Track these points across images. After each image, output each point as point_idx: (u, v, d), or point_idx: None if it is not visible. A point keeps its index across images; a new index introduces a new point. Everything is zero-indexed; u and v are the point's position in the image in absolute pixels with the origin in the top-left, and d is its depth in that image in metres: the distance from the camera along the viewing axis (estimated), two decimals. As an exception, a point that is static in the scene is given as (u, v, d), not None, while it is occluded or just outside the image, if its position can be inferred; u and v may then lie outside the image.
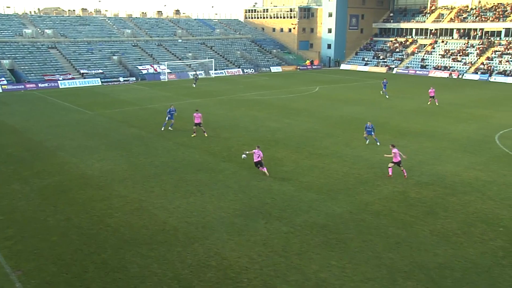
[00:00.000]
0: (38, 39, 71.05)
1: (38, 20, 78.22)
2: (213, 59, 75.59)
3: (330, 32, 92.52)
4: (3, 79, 57.79)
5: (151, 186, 20.62)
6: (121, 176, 21.93)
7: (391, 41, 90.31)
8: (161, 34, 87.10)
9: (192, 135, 29.43)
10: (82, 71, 65.05)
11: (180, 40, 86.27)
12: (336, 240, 15.54)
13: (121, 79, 65.51)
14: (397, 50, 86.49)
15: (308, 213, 17.67)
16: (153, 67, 70.45)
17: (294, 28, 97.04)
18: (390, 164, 21.52)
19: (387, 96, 45.87)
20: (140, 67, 70.18)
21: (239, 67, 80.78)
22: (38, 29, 74.42)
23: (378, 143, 27.33)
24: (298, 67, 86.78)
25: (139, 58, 74.32)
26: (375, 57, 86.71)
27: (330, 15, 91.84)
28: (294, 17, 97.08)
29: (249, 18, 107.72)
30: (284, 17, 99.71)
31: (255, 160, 21.78)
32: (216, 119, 36.02)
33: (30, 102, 46.51)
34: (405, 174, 21.45)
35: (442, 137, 29.95)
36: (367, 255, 14.61)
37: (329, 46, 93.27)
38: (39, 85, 58.54)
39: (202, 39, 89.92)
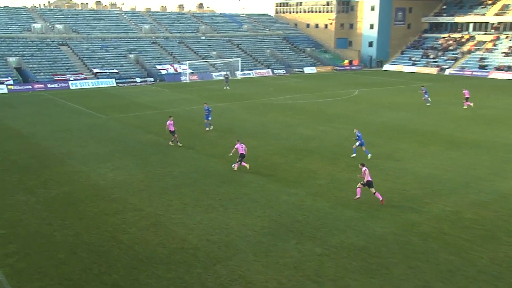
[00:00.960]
0: (48, 35, 73.21)
1: (48, 14, 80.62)
2: (239, 59, 76.25)
3: (372, 28, 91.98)
4: (9, 78, 59.62)
5: (169, 199, 20.82)
6: (136, 188, 22.22)
7: (444, 37, 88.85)
8: (182, 30, 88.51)
9: (170, 143, 29.80)
10: (95, 71, 66.65)
11: (203, 37, 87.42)
12: (377, 265, 15.29)
13: (138, 80, 66.78)
14: (451, 48, 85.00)
15: (345, 233, 17.47)
16: (173, 66, 71.55)
17: (331, 23, 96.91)
18: (359, 185, 20.44)
19: (428, 104, 45.42)
20: (159, 67, 71.43)
21: (268, 68, 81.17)
22: (48, 24, 76.71)
23: (369, 155, 26.80)
24: (335, 67, 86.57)
25: (158, 57, 75.66)
26: (424, 56, 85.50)
27: (373, 8, 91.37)
28: (331, 11, 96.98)
29: (280, 12, 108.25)
30: (320, 12, 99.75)
31: (240, 152, 24.18)
32: (242, 125, 36.19)
33: (37, 104, 47.81)
34: (381, 198, 19.97)
35: (504, 148, 29.19)
36: (413, 284, 14.31)
37: (370, 44, 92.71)
38: (48, 85, 60.22)
39: (228, 36, 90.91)
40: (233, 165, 24.78)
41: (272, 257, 15.73)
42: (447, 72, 77.98)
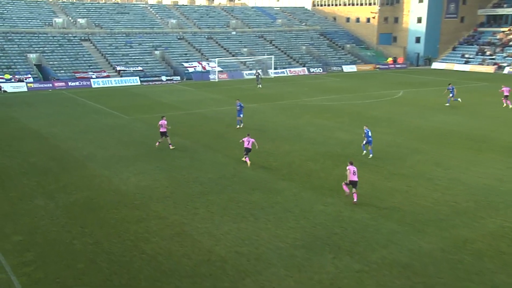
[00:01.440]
0: (70, 29, 74.91)
1: (70, 8, 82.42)
2: (272, 56, 76.32)
3: (420, 22, 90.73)
4: (29, 76, 61.23)
5: (196, 207, 20.98)
6: (161, 194, 22.48)
7: (503, 31, 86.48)
8: (211, 25, 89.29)
9: (156, 144, 30.53)
10: (118, 68, 67.85)
11: (234, 33, 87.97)
12: (423, 285, 15.03)
13: (164, 78, 67.67)
14: (511, 43, 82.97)
15: (387, 248, 17.25)
16: (201, 64, 72.29)
17: (373, 17, 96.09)
18: (346, 183, 21.82)
19: (447, 104, 46.14)
20: (186, 64, 72.27)
21: (304, 66, 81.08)
22: (70, 18, 78.47)
23: (371, 155, 28.27)
24: (378, 65, 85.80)
25: (185, 54, 76.50)
26: (480, 53, 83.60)
27: (421, 0, 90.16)
28: (374, 4, 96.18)
29: (318, 5, 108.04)
30: (361, 4, 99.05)
31: (246, 146, 26.52)
32: (275, 128, 36.24)
33: (58, 103, 48.94)
34: (355, 199, 21.27)
35: None
36: (464, 306, 14.00)
37: (417, 40, 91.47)
38: (69, 83, 61.60)
39: (260, 32, 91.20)
40: (244, 159, 26.92)
41: (306, 273, 15.65)
42: (506, 70, 76.02)
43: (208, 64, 72.98)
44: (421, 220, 19.61)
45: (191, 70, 71.21)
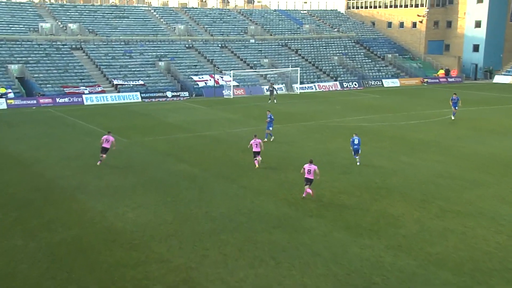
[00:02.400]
0: (59, 36, 76.30)
1: (60, 11, 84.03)
2: (298, 68, 76.82)
3: (479, 26, 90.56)
4: (10, 91, 62.13)
5: (205, 248, 20.90)
6: (164, 232, 22.45)
7: None
8: (226, 31, 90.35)
9: (98, 163, 33.08)
10: (115, 82, 68.77)
11: (252, 40, 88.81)
12: None
13: (169, 94, 68.37)
14: None
15: (440, 303, 16.94)
16: (213, 78, 72.81)
17: (421, 21, 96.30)
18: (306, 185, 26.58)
19: (453, 118, 49.58)
20: (195, 78, 73.06)
21: (336, 80, 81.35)
22: (59, 23, 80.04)
23: (358, 163, 33.10)
24: (426, 79, 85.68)
25: (195, 65, 77.40)
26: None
27: (480, 0, 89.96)
28: (422, 5, 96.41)
29: (353, 8, 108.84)
30: (406, 6, 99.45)
31: (254, 150, 32.15)
32: (301, 153, 36.14)
33: (43, 123, 49.53)
34: (306, 193, 26.51)
35: None
36: None
37: (475, 48, 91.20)
38: (57, 100, 62.45)
39: (284, 39, 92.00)
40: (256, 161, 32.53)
41: (340, 331, 15.42)
42: None
43: (222, 77, 73.57)
44: (483, 269, 19.26)
45: (201, 84, 71.88)
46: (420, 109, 56.68)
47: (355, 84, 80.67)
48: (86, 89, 65.40)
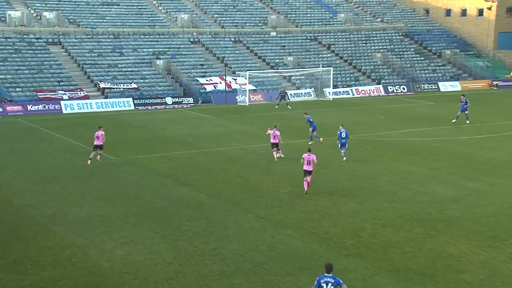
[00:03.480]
0: (31, 28, 76.81)
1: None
2: (331, 68, 76.66)
3: None
4: (-32, 96, 62.66)
5: (213, 296, 20.71)
6: (161, 274, 22.26)
7: None
8: (240, 22, 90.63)
9: (88, 163, 36.91)
10: (102, 85, 69.07)
11: (274, 33, 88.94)
12: None
13: (169, 100, 68.59)
14: None
15: None
16: (224, 80, 72.90)
17: (489, 8, 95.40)
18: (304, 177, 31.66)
19: (454, 120, 53.80)
20: (202, 80, 73.26)
21: (378, 83, 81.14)
22: (32, 12, 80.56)
23: (344, 158, 38.15)
24: (495, 82, 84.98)
25: (202, 65, 77.66)
26: None
27: None
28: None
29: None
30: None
31: (271, 141, 38.56)
32: (335, 176, 35.91)
33: (10, 136, 49.76)
34: (307, 187, 31.75)
35: None
36: None
37: None
38: (29, 107, 62.89)
39: (313, 32, 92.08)
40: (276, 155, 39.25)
41: None
42: None
43: (235, 80, 73.71)
44: None
45: (209, 88, 72.04)
46: (487, 120, 56.33)
47: (403, 88, 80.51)
48: (65, 94, 65.75)
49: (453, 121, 54.32)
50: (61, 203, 30.74)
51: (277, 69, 79.21)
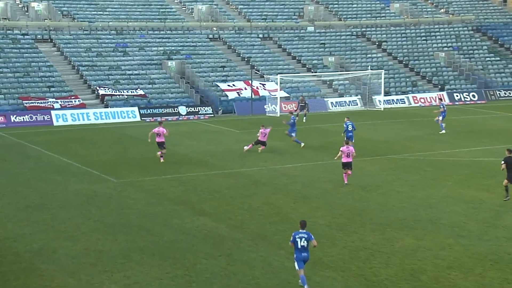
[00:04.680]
0: (17, 21, 77.39)
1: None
2: (382, 71, 76.15)
3: None
4: None
5: None
6: (170, 326, 22.13)
7: None
8: (270, 14, 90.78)
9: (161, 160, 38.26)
10: (102, 92, 69.33)
11: (311, 28, 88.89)
12: None
13: (183, 110, 68.75)
14: None
15: None
16: (250, 86, 72.87)
17: None
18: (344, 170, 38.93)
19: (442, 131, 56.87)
20: (222, 86, 73.30)
21: (442, 89, 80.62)
22: (18, 2, 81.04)
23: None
24: None
25: (222, 67, 77.84)
26: None
27: None
28: None
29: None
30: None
31: (259, 138, 46.41)
32: (388, 203, 35.63)
33: (-8, 154, 50.09)
34: (346, 182, 38.79)
35: None
36: None
37: None
38: (13, 118, 63.35)
39: (360, 26, 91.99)
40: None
41: None
42: None
43: (263, 85, 73.56)
44: None
45: (232, 95, 72.06)
46: None
47: (473, 96, 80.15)
48: (56, 102, 66.07)
49: (441, 132, 56.40)
50: (51, 236, 30.74)
51: (315, 72, 79.10)
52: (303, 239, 23.88)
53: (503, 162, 36.07)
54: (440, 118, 57.15)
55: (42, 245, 29.61)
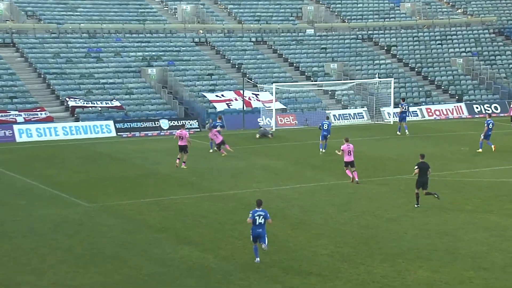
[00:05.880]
0: (-30, 23, 77.35)
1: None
2: (392, 79, 76.17)
3: None
4: None
5: None
6: None
7: None
8: (265, 15, 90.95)
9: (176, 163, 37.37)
10: (72, 104, 69.14)
11: (311, 31, 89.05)
12: None
13: (165, 124, 68.84)
14: None
15: None
16: (242, 96, 73.02)
17: None
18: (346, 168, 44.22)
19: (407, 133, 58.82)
20: (210, 96, 73.56)
21: (459, 99, 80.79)
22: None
23: (323, 151, 46.33)
24: None
25: (210, 75, 77.90)
26: None
27: None
28: None
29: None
30: None
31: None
32: (400, 230, 35.56)
33: None
34: (356, 177, 43.78)
35: None
36: None
37: None
38: (-33, 134, 63.23)
39: (367, 29, 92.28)
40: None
41: None
42: None
43: (257, 96, 73.65)
44: None
45: (220, 107, 72.16)
46: None
47: (496, 108, 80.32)
48: (19, 116, 66.00)
49: (406, 133, 59.44)
50: (11, 269, 30.56)
51: (315, 81, 79.19)
52: (261, 216, 29.88)
53: (416, 167, 40.02)
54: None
55: (2, 280, 29.43)
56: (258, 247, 29.99)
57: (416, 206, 39.67)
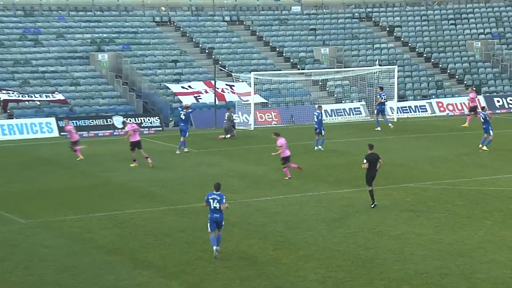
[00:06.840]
0: None
1: None
2: (395, 67, 76.40)
3: None
4: None
5: None
6: None
7: None
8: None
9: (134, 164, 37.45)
10: (3, 96, 68.83)
11: (297, 8, 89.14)
12: None
13: (118, 121, 68.41)
14: None
15: None
16: (213, 87, 72.90)
17: None
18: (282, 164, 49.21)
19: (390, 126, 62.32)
20: (175, 88, 73.50)
21: (477, 92, 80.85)
22: None
23: (320, 147, 49.95)
24: None
25: (174, 61, 77.84)
26: None
27: None
28: None
29: None
30: None
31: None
32: (406, 250, 35.61)
33: None
34: (297, 166, 49.29)
35: None
36: None
37: None
38: None
39: (365, 6, 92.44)
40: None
41: None
42: None
43: (231, 87, 73.60)
44: None
45: (187, 101, 71.58)
46: None
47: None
48: None
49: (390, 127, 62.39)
50: None
51: (303, 69, 79.35)
52: (215, 200, 33.34)
53: (365, 160, 42.77)
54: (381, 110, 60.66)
55: None
56: (215, 238, 32.89)
57: (372, 206, 42.44)
